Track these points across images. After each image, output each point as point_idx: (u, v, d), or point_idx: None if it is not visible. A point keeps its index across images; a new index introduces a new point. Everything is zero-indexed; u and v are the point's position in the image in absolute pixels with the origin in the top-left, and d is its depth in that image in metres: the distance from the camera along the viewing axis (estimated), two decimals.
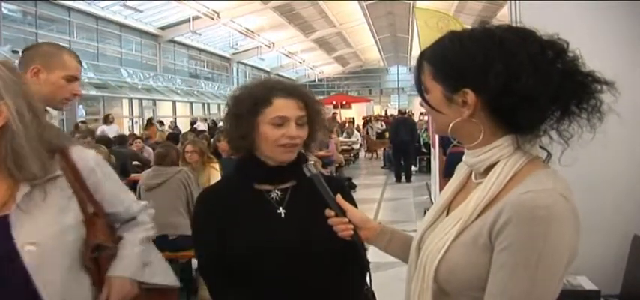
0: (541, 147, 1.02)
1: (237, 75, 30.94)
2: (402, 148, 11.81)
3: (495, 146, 1.01)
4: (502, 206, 0.94)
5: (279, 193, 1.55)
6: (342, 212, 1.32)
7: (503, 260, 0.92)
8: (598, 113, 0.96)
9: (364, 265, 1.49)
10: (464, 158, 1.09)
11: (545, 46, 0.97)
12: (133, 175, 6.56)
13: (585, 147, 0.98)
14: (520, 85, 0.93)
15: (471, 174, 1.10)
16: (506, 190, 0.97)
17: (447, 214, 1.10)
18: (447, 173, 5.83)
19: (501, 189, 0.98)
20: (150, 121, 15.70)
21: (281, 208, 1.53)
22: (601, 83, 0.97)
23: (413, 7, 12.73)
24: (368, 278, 1.53)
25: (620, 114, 0.99)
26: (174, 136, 9.72)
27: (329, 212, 1.34)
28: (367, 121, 20.51)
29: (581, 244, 0.94)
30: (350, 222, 1.31)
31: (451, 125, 1.03)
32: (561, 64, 0.96)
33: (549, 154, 1.02)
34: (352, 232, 1.31)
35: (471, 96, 0.99)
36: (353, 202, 1.59)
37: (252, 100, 1.50)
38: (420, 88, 1.08)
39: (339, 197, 1.34)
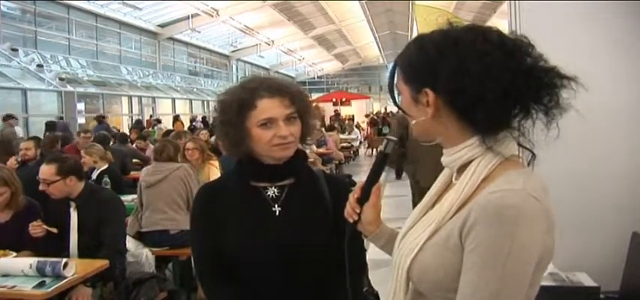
0: (522, 146, 1.01)
1: (237, 72, 30.93)
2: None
3: (467, 145, 1.01)
4: (471, 207, 0.94)
5: (276, 190, 1.54)
6: (366, 199, 1.23)
7: (473, 261, 0.91)
8: (557, 109, 0.96)
9: (359, 265, 1.47)
10: (441, 158, 1.09)
11: (498, 45, 0.97)
12: (133, 173, 6.57)
13: (585, 145, 0.98)
14: (469, 84, 0.94)
15: (453, 175, 1.10)
16: (479, 190, 0.97)
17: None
18: None
19: (475, 189, 0.98)
20: (176, 118, 15.66)
21: (276, 206, 1.52)
22: (564, 78, 0.96)
23: (412, 4, 12.73)
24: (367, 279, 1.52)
25: (620, 112, 0.98)
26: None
27: (359, 188, 1.24)
28: (374, 121, 20.38)
29: (582, 241, 0.94)
30: (360, 213, 1.23)
31: (413, 123, 1.06)
32: (516, 63, 0.96)
33: (534, 155, 1.01)
34: (352, 220, 1.23)
35: (431, 96, 1.00)
36: None
37: (238, 105, 1.48)
38: (393, 92, 1.12)
39: (377, 187, 1.23)
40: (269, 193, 1.53)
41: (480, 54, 0.95)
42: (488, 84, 0.94)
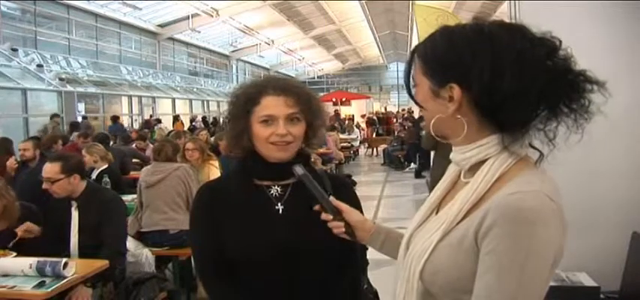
0: (532, 146, 1.00)
1: (237, 72, 30.93)
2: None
3: (482, 144, 0.99)
4: (488, 207, 0.92)
5: (279, 189, 1.54)
6: (333, 210, 1.31)
7: (490, 263, 0.90)
8: (586, 114, 0.94)
9: (360, 265, 1.48)
10: (451, 155, 1.07)
11: (536, 44, 0.95)
12: (133, 173, 6.57)
13: (585, 145, 0.98)
14: (504, 83, 0.92)
15: (460, 173, 1.08)
16: (492, 191, 0.96)
17: (437, 214, 1.08)
18: None
19: (488, 189, 0.97)
20: (176, 118, 15.71)
21: (280, 204, 1.53)
22: (592, 83, 0.95)
23: (412, 4, 12.72)
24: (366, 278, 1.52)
25: (619, 112, 0.97)
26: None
27: (318, 208, 1.33)
28: (371, 121, 20.42)
29: (582, 241, 0.94)
30: (345, 221, 1.30)
31: (433, 120, 1.02)
32: (552, 63, 0.94)
33: (542, 155, 0.99)
34: (343, 229, 1.30)
35: (456, 91, 0.97)
36: (356, 200, 1.59)
37: (244, 100, 1.51)
38: (408, 83, 1.08)
39: (333, 198, 1.33)
40: (272, 191, 1.54)
41: (518, 52, 0.93)
42: (525, 84, 0.92)
